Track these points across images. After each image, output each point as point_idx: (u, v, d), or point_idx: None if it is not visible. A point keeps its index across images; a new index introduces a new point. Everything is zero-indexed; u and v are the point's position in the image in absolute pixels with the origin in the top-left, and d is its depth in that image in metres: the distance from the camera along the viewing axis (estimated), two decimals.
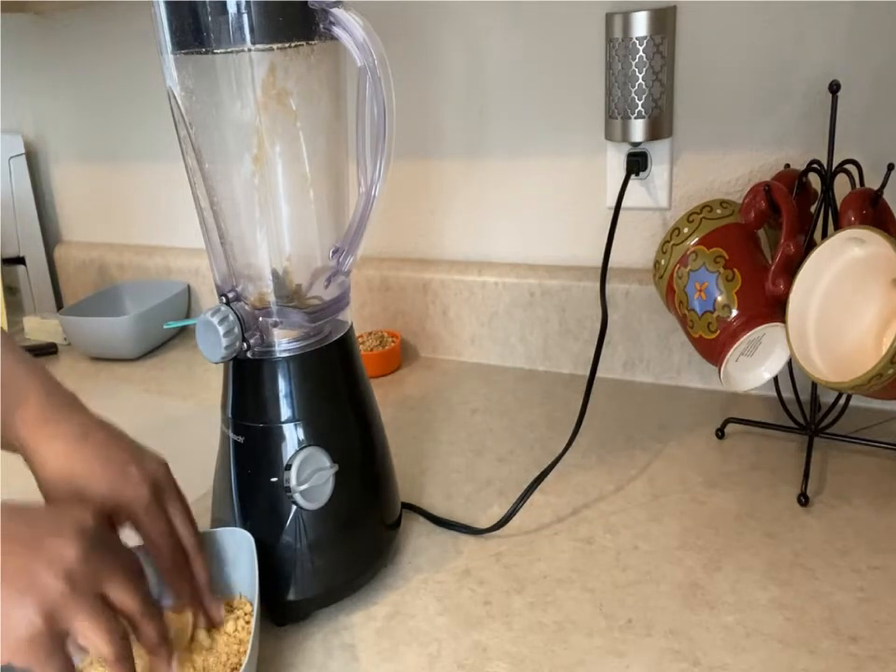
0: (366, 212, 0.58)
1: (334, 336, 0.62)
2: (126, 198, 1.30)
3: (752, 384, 0.75)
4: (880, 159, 0.75)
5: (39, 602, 0.41)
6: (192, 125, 0.56)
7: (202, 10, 0.52)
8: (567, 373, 1.00)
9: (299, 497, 0.58)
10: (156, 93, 1.17)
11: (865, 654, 0.54)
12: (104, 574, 0.44)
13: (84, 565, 0.43)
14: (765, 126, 0.85)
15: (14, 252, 1.32)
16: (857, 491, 0.72)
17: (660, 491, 0.74)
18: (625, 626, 0.59)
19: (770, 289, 0.72)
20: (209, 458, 0.65)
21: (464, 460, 0.83)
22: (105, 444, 0.54)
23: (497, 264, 1.02)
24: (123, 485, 0.52)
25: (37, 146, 1.36)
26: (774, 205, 0.73)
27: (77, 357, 1.18)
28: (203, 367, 1.10)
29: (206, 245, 0.61)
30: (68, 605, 0.42)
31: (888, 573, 0.62)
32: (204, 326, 0.57)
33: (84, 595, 0.42)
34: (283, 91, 0.55)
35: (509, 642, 0.58)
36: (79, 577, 0.42)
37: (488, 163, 1.00)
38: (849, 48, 0.79)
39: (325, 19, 0.54)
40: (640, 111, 0.85)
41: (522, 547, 0.68)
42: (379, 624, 0.61)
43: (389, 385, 1.01)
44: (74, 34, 1.24)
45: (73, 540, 0.43)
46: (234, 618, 0.57)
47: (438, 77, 0.99)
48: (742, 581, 0.62)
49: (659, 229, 0.93)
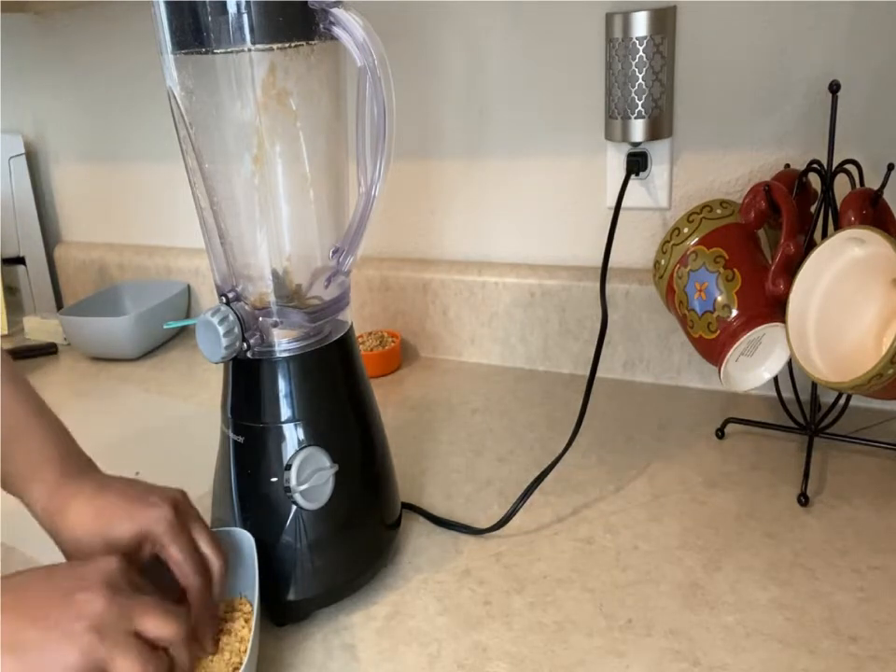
0: (366, 212, 0.58)
1: (334, 336, 0.62)
2: (126, 198, 1.30)
3: (752, 384, 0.75)
4: (880, 159, 0.75)
5: (73, 653, 0.43)
6: (192, 125, 0.56)
7: (202, 10, 0.52)
8: (566, 373, 1.00)
9: (299, 496, 0.58)
10: (156, 93, 1.17)
11: (865, 654, 0.54)
12: (134, 612, 0.45)
13: (112, 610, 0.44)
14: (765, 126, 0.85)
15: (14, 252, 1.32)
16: (857, 491, 0.72)
17: (660, 491, 0.74)
18: (625, 626, 0.59)
19: (770, 289, 0.72)
20: (209, 458, 0.65)
21: (464, 460, 0.83)
22: (124, 487, 0.56)
23: (497, 264, 1.02)
24: (146, 510, 0.54)
25: (37, 146, 1.36)
26: (774, 205, 0.73)
27: (77, 356, 1.18)
28: (203, 367, 1.10)
29: (206, 245, 0.61)
30: (101, 651, 0.43)
31: (888, 573, 0.62)
32: (204, 326, 0.57)
33: (116, 637, 0.44)
34: (283, 91, 0.55)
35: (509, 642, 0.58)
36: (108, 622, 0.44)
37: (488, 163, 1.00)
38: (849, 48, 0.79)
39: (325, 19, 0.54)
40: (640, 111, 0.85)
41: (522, 547, 0.68)
42: (379, 624, 0.61)
43: (389, 385, 1.01)
44: (74, 34, 1.24)
45: (99, 591, 0.45)
46: (235, 618, 0.57)
47: (438, 77, 0.99)
48: (742, 581, 0.62)
49: (659, 229, 0.93)
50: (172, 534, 0.54)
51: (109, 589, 0.45)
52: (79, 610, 0.44)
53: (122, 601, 0.45)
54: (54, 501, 0.55)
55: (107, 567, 0.47)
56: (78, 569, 0.47)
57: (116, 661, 0.44)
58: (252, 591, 0.57)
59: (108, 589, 0.45)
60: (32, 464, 0.57)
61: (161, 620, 0.46)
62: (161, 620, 0.46)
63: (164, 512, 0.54)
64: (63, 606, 0.44)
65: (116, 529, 0.53)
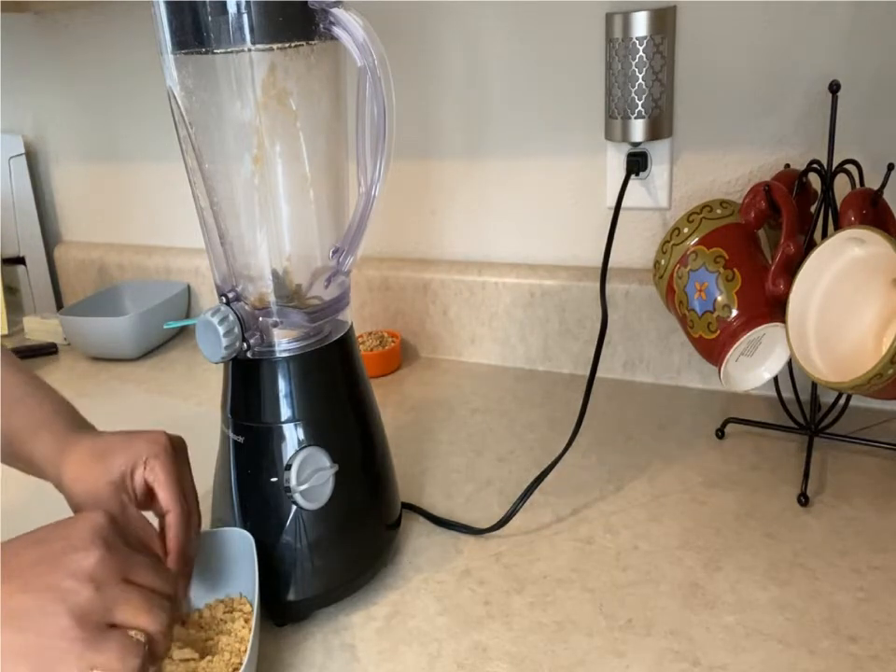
0: (366, 212, 0.58)
1: (334, 336, 0.62)
2: (126, 198, 1.30)
3: (752, 384, 0.75)
4: (880, 159, 0.75)
5: (69, 609, 0.43)
6: (192, 125, 0.56)
7: (202, 10, 0.52)
8: (567, 373, 1.00)
9: (299, 497, 0.58)
10: (156, 93, 1.17)
11: (865, 654, 0.54)
12: (126, 564, 0.46)
13: (105, 565, 0.45)
14: (765, 126, 0.85)
15: (14, 252, 1.32)
16: (857, 491, 0.72)
17: (660, 491, 0.74)
18: (625, 626, 0.59)
19: (770, 289, 0.72)
20: (209, 458, 0.65)
21: (464, 460, 0.83)
22: (119, 433, 0.58)
23: (497, 264, 1.02)
24: (142, 436, 0.57)
25: (37, 146, 1.36)
26: (774, 205, 0.73)
27: (76, 356, 1.18)
28: (203, 367, 1.10)
29: (206, 245, 0.61)
30: (100, 601, 0.44)
31: (888, 573, 0.62)
32: (204, 326, 0.57)
33: (112, 587, 0.44)
34: (283, 91, 0.55)
35: (509, 642, 0.58)
36: (103, 576, 0.44)
37: (488, 163, 1.00)
38: (849, 48, 0.79)
39: (325, 19, 0.54)
40: (640, 111, 0.85)
41: (522, 547, 0.68)
42: (379, 624, 0.61)
43: (389, 384, 1.01)
44: (74, 34, 1.24)
45: (90, 548, 0.45)
46: (235, 618, 0.57)
47: (438, 77, 0.99)
48: (742, 581, 0.62)
49: (659, 229, 0.93)
50: (164, 456, 0.56)
51: (100, 543, 0.45)
52: (73, 568, 0.44)
53: (114, 553, 0.46)
54: (59, 448, 0.57)
55: (95, 521, 0.47)
56: (67, 529, 0.46)
57: (116, 609, 0.44)
58: (252, 591, 0.57)
59: (99, 543, 0.45)
60: (36, 419, 0.59)
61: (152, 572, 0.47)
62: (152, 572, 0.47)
63: (159, 437, 0.57)
64: (55, 567, 0.44)
65: (113, 461, 0.55)
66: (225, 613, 0.58)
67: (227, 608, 0.59)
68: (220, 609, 0.59)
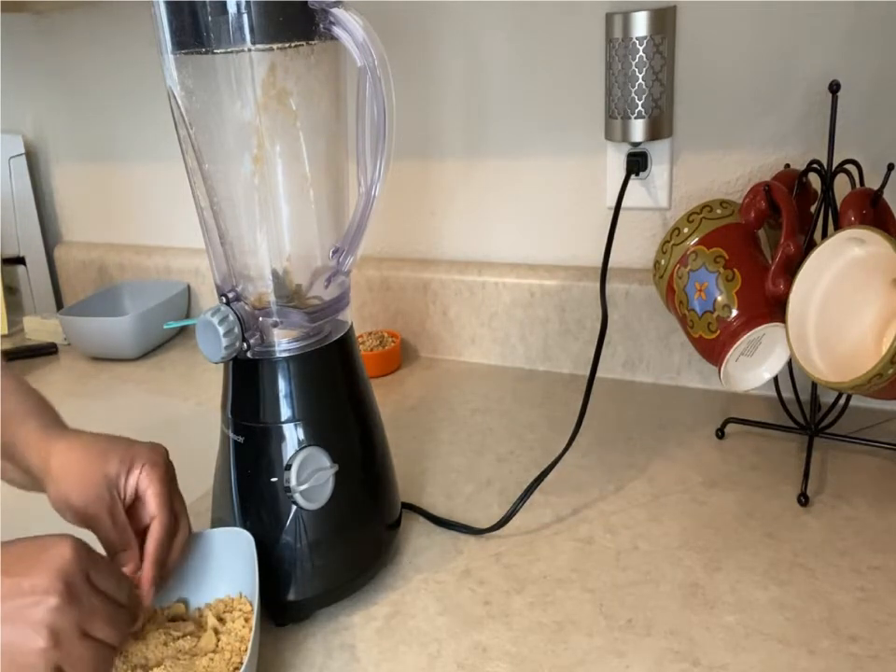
0: (366, 212, 0.58)
1: (334, 336, 0.62)
2: (126, 198, 1.30)
3: (752, 384, 0.75)
4: (880, 159, 0.75)
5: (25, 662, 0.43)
6: (192, 125, 0.56)
7: (202, 10, 0.52)
8: (567, 373, 1.00)
9: (299, 497, 0.58)
10: (156, 94, 1.17)
11: (865, 654, 0.54)
12: (83, 616, 0.45)
13: (63, 615, 0.44)
14: (765, 126, 0.85)
15: (14, 252, 1.32)
16: (857, 491, 0.72)
17: (660, 491, 0.74)
18: (625, 626, 0.59)
19: (770, 289, 0.72)
20: (209, 458, 0.65)
21: (464, 460, 0.83)
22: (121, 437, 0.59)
23: (497, 264, 1.02)
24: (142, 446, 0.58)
25: (37, 146, 1.36)
26: (774, 205, 0.73)
27: (76, 356, 1.18)
28: (203, 367, 1.10)
29: (206, 245, 0.61)
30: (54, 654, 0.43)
31: (888, 573, 0.62)
32: (204, 326, 0.57)
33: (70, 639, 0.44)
34: (283, 91, 0.55)
35: (509, 642, 0.58)
36: (60, 626, 0.44)
37: (488, 163, 1.00)
38: (849, 48, 0.79)
39: (325, 19, 0.54)
40: (640, 111, 0.85)
41: (522, 547, 0.68)
42: (379, 624, 0.61)
43: (389, 385, 1.01)
44: (74, 34, 1.24)
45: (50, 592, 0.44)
46: (235, 618, 0.57)
47: (438, 77, 0.99)
48: (742, 581, 0.62)
49: (659, 229, 0.93)
50: (162, 465, 0.57)
51: (61, 588, 0.44)
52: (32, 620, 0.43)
53: (73, 603, 0.44)
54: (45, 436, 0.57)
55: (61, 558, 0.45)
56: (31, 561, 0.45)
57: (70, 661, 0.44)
58: (252, 591, 0.57)
59: (60, 588, 0.44)
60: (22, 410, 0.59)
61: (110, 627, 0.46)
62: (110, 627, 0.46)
63: (160, 448, 0.58)
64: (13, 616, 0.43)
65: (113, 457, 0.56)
66: (225, 613, 0.58)
67: (227, 607, 0.59)
68: (220, 609, 0.59)
